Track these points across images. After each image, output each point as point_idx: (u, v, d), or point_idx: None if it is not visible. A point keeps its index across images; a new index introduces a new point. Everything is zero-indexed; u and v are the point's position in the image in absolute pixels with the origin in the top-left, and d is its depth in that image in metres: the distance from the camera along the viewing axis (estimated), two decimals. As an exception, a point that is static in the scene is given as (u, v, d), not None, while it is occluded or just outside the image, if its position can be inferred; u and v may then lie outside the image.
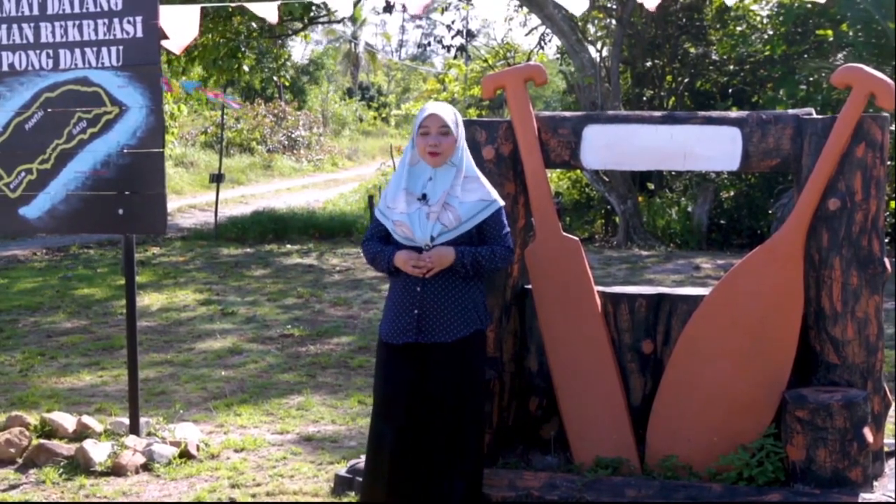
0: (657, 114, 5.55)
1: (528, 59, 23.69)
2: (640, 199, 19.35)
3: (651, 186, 20.82)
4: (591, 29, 22.17)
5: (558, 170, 18.23)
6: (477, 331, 4.67)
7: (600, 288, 5.51)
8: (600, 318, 5.39)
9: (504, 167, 5.45)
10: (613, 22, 20.61)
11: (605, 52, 21.07)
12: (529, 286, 5.55)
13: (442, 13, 26.00)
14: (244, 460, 6.08)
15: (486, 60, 26.67)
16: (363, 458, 5.55)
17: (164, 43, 7.03)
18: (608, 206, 19.70)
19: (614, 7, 20.36)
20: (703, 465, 5.19)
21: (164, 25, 6.64)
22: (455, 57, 26.62)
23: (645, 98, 21.69)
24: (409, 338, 4.61)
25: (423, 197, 4.63)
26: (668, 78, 21.82)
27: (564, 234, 5.45)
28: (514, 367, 5.57)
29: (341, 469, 5.64)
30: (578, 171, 19.78)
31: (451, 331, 4.60)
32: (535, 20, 22.26)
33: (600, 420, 5.33)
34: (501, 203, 4.72)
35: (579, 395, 5.36)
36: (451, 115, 4.66)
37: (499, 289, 5.46)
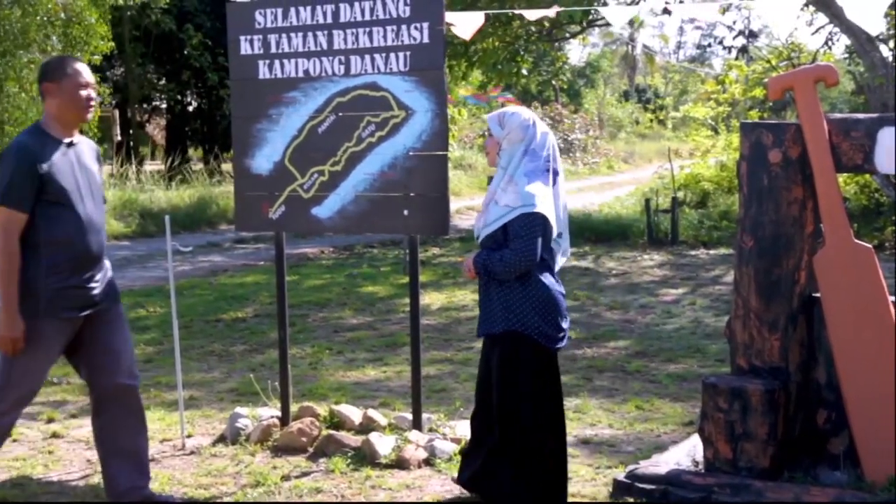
0: (961, 115, 5.21)
1: (814, 59, 22.80)
2: (935, 205, 18.28)
3: (948, 192, 19.63)
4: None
5: (845, 174, 17.45)
6: (507, 331, 4.90)
7: (895, 298, 5.25)
8: (895, 329, 5.13)
9: (792, 171, 5.28)
10: (908, 18, 19.57)
11: (898, 51, 20.03)
12: (817, 294, 5.35)
13: (723, 13, 25.41)
14: (521, 460, 6.12)
15: (768, 61, 25.83)
16: (642, 463, 5.54)
17: (453, 29, 7.16)
18: (900, 213, 18.73)
19: (909, 2, 19.32)
20: None
21: (450, 19, 6.80)
22: (736, 58, 26.07)
23: (942, 99, 20.46)
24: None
25: None
26: (969, 76, 20.50)
27: (856, 241, 5.22)
28: (800, 378, 5.38)
29: (619, 474, 5.60)
30: (867, 176, 18.90)
31: (483, 326, 5.02)
32: (821, 18, 21.42)
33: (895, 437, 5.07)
34: (529, 210, 4.77)
35: (872, 409, 5.10)
36: (494, 118, 5.01)
37: (784, 296, 5.30)
